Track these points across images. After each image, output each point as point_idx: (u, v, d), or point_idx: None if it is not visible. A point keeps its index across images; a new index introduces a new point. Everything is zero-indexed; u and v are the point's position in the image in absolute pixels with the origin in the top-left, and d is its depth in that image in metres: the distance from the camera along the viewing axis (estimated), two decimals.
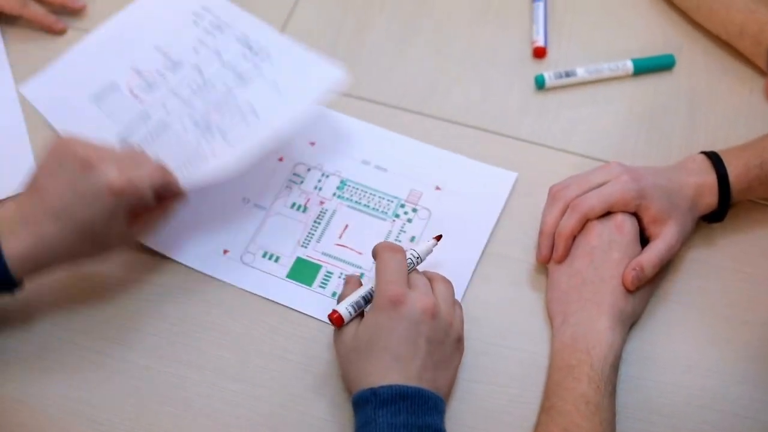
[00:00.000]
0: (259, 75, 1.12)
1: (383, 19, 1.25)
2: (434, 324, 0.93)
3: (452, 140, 1.14)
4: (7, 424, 0.96)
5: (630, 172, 1.02)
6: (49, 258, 0.94)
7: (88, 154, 0.93)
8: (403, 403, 0.88)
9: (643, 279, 0.98)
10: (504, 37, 1.24)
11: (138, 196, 0.95)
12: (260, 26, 1.17)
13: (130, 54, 1.17)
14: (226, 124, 1.08)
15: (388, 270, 0.95)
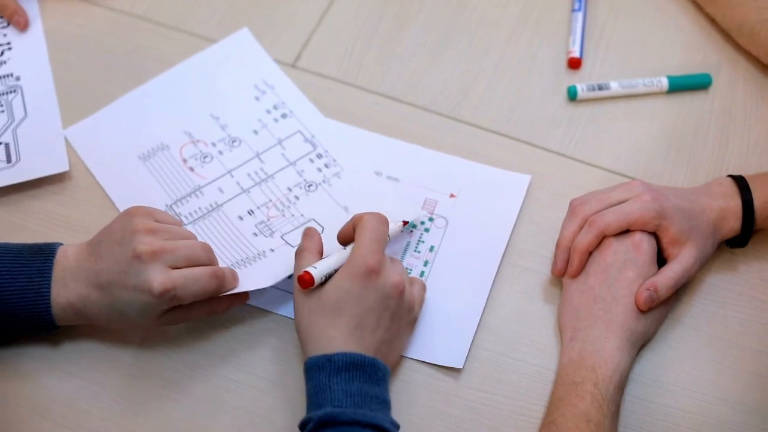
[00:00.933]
0: (327, 193, 1.10)
1: (421, 21, 1.25)
2: (400, 301, 0.94)
3: (479, 146, 1.14)
4: (12, 393, 0.97)
5: (651, 192, 1.00)
6: (86, 316, 0.96)
7: (145, 245, 0.93)
8: (357, 371, 0.89)
9: (656, 300, 0.97)
10: (541, 46, 1.23)
11: (178, 302, 0.94)
12: (325, 125, 1.14)
13: (183, 116, 1.16)
14: (285, 227, 1.08)
15: (371, 238, 0.94)
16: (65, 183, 1.11)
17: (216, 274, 0.96)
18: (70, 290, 0.94)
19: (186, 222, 1.08)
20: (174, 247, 0.94)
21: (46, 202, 1.10)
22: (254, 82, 1.19)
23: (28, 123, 1.13)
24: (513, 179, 1.11)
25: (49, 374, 0.99)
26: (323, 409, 0.87)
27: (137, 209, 0.97)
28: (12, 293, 0.93)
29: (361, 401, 0.88)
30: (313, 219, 1.09)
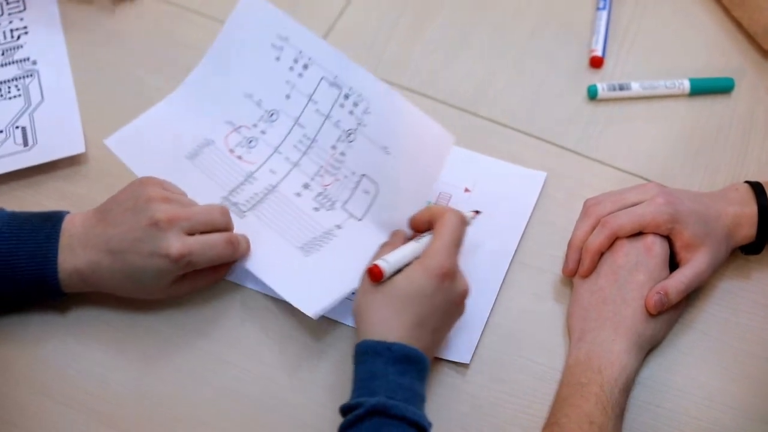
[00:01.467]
0: (365, 136, 1.08)
1: (444, 14, 1.24)
2: (460, 311, 0.96)
3: (496, 142, 1.13)
4: (18, 373, 0.98)
5: (666, 195, 0.99)
6: (94, 283, 0.97)
7: (162, 212, 0.95)
8: (410, 366, 0.89)
9: (666, 304, 0.96)
10: (563, 43, 1.22)
11: (192, 268, 0.97)
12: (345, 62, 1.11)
13: (220, 105, 1.15)
14: (342, 193, 1.08)
15: (451, 239, 0.94)
16: (81, 165, 1.12)
17: (231, 240, 0.99)
18: (78, 257, 0.95)
19: (244, 210, 1.07)
20: (190, 213, 0.97)
21: (63, 182, 1.10)
22: (270, 41, 1.15)
23: (44, 107, 1.14)
24: (528, 176, 1.11)
25: (55, 340, 1.00)
26: (377, 397, 0.87)
27: (148, 179, 1.00)
28: (20, 258, 0.94)
29: (411, 397, 0.88)
30: (365, 175, 1.07)
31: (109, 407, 0.96)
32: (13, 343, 0.99)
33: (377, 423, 0.86)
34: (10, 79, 1.15)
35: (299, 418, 0.96)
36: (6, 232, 0.95)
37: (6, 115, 1.13)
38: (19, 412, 0.96)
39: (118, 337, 1.00)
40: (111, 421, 0.95)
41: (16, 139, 1.11)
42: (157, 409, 0.96)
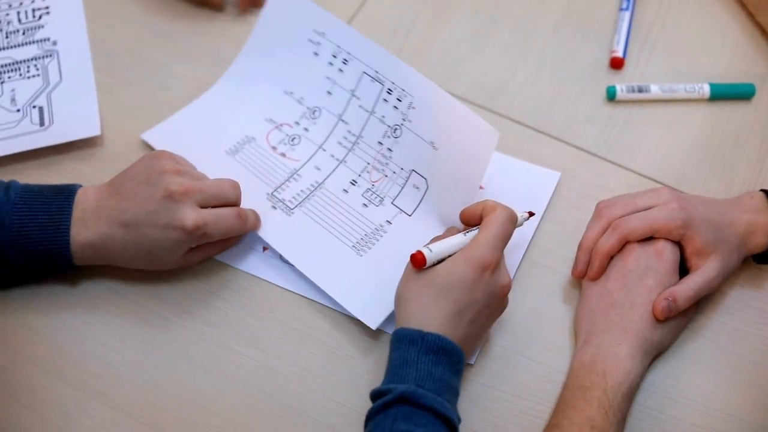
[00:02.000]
0: (411, 132, 1.08)
1: (467, 8, 1.24)
2: (501, 304, 0.95)
3: (512, 140, 1.13)
4: (28, 353, 0.98)
5: (679, 200, 0.99)
6: (106, 256, 0.98)
7: (176, 185, 0.97)
8: (444, 357, 0.89)
9: (674, 310, 0.95)
10: (584, 43, 1.21)
11: (206, 240, 0.99)
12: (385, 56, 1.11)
13: (260, 103, 1.15)
14: (392, 189, 1.08)
15: (498, 234, 0.94)
16: (96, 147, 1.12)
17: (240, 214, 1.01)
18: (90, 229, 0.96)
19: (291, 207, 1.07)
20: (203, 186, 0.99)
21: (77, 163, 1.11)
22: (306, 36, 1.15)
23: (62, 87, 1.13)
24: (543, 175, 1.10)
25: (63, 318, 1.00)
26: (407, 384, 0.87)
27: (160, 152, 1.02)
28: (32, 229, 0.95)
29: (441, 388, 0.88)
30: (414, 170, 1.07)
31: (114, 389, 0.96)
32: (23, 317, 1.00)
33: (405, 411, 0.86)
34: (30, 59, 1.15)
35: (301, 408, 0.96)
36: (19, 203, 0.96)
37: (24, 94, 1.13)
38: (24, 389, 0.96)
39: (124, 320, 1.00)
40: (115, 404, 0.95)
41: (32, 119, 1.11)
42: (160, 393, 0.96)
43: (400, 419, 0.85)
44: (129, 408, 0.95)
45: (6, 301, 1.01)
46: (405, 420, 0.85)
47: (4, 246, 0.95)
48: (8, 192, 0.96)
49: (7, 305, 1.01)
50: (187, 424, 0.95)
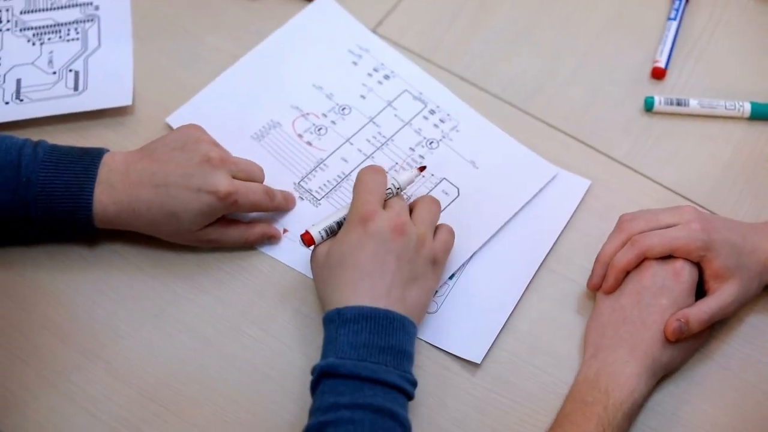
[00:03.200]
0: (450, 148, 1.10)
1: (510, 6, 1.22)
2: (403, 241, 0.93)
3: (543, 143, 1.11)
4: (39, 315, 1.00)
5: (702, 221, 0.97)
6: (128, 218, 0.98)
7: (215, 152, 0.99)
8: (366, 323, 0.89)
9: (686, 332, 0.93)
10: (627, 50, 1.19)
11: (234, 209, 1.00)
12: (433, 84, 1.14)
13: (286, 90, 1.15)
14: (419, 190, 1.08)
15: (364, 189, 0.96)
16: (127, 116, 1.12)
17: (267, 191, 1.03)
18: (116, 190, 0.97)
19: (318, 197, 1.07)
20: (237, 159, 1.02)
21: (107, 131, 1.11)
22: (347, 47, 1.18)
23: (100, 53, 1.14)
24: (572, 182, 1.09)
25: (76, 284, 1.01)
26: (326, 359, 0.88)
27: (197, 125, 1.03)
28: (56, 187, 0.96)
29: (367, 353, 0.88)
30: (445, 178, 1.08)
31: (118, 358, 0.97)
32: (38, 278, 1.01)
33: (330, 384, 0.87)
34: (71, 22, 1.16)
35: (301, 396, 0.95)
36: (46, 161, 0.97)
37: (62, 57, 1.14)
38: (30, 348, 0.97)
39: (135, 291, 1.01)
40: (117, 373, 0.96)
41: (67, 83, 1.12)
42: (163, 366, 0.97)
43: (326, 393, 0.87)
44: (131, 378, 0.96)
45: (24, 260, 1.02)
46: (330, 393, 0.87)
47: (28, 202, 0.96)
48: (36, 150, 0.97)
49: (25, 263, 1.02)
50: (186, 399, 0.95)
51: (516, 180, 1.08)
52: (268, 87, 1.15)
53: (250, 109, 1.13)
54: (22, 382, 0.95)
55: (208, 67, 1.16)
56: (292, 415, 0.95)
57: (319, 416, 0.86)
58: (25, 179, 0.96)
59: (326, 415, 0.85)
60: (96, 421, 0.94)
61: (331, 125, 1.12)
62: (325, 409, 0.86)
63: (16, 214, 0.97)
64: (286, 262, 1.04)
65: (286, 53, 1.17)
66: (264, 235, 1.03)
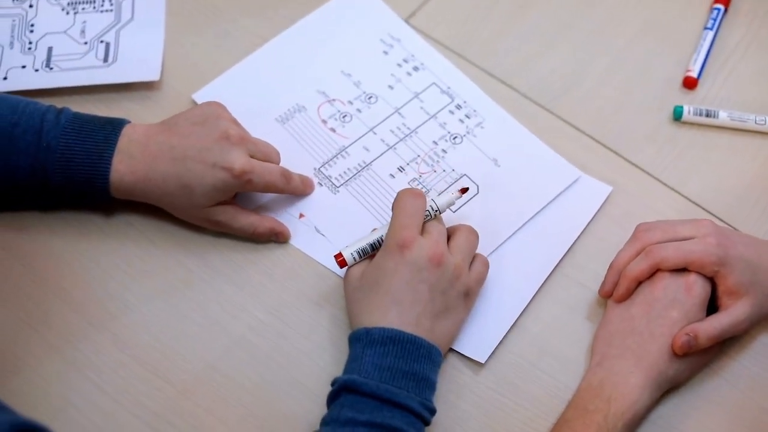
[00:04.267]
0: (474, 144, 1.10)
1: (544, 5, 1.21)
2: (438, 272, 0.93)
3: (567, 145, 1.10)
4: (51, 282, 1.00)
5: (719, 236, 0.96)
6: (144, 188, 0.99)
7: (234, 129, 1.00)
8: (393, 346, 0.89)
9: (694, 347, 0.92)
10: (660, 56, 1.17)
11: (248, 188, 1.00)
12: (459, 77, 1.14)
13: (314, 75, 1.15)
14: (438, 184, 1.08)
15: (402, 214, 0.95)
16: (154, 90, 1.13)
17: (284, 173, 1.03)
18: (134, 160, 0.98)
19: (337, 185, 1.08)
20: (255, 140, 1.03)
21: (133, 104, 1.12)
22: (379, 36, 1.17)
23: (132, 26, 1.15)
24: (593, 186, 1.08)
25: (90, 254, 1.02)
26: (350, 375, 0.89)
27: (218, 103, 1.04)
28: (76, 154, 0.97)
29: (390, 377, 0.88)
30: (465, 175, 1.08)
31: (127, 333, 0.98)
32: (53, 245, 1.02)
33: (351, 399, 0.88)
34: None
35: (303, 381, 0.96)
36: (68, 128, 0.98)
37: (94, 27, 1.14)
38: (40, 316, 0.98)
39: (148, 266, 1.02)
40: (125, 346, 0.97)
41: (97, 54, 1.12)
42: (170, 342, 0.98)
43: (346, 407, 0.87)
44: (137, 352, 0.97)
45: (40, 226, 1.03)
46: (350, 408, 0.87)
47: (47, 168, 0.97)
48: (59, 117, 0.98)
49: (40, 230, 1.03)
50: (191, 376, 0.96)
51: (537, 181, 1.08)
52: (296, 70, 1.15)
53: (277, 91, 1.13)
54: (30, 348, 0.96)
55: (238, 47, 1.16)
56: (294, 400, 0.95)
57: (335, 428, 0.86)
58: (45, 144, 0.97)
59: (343, 428, 0.86)
60: (99, 391, 0.94)
61: (356, 113, 1.12)
62: (342, 423, 0.86)
63: (34, 179, 0.97)
64: (300, 248, 1.04)
65: (317, 38, 1.17)
66: (273, 230, 1.03)
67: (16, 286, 1.00)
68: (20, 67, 1.11)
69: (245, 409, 0.95)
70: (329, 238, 1.04)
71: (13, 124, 0.97)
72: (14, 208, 1.03)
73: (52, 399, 0.94)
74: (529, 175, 1.08)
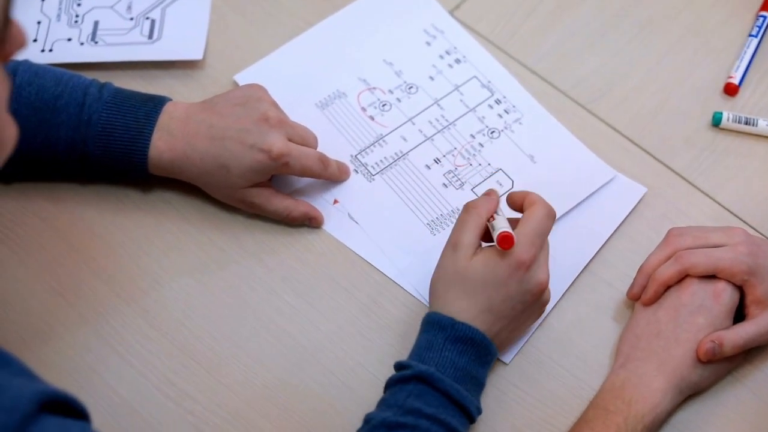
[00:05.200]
0: (511, 140, 1.10)
1: (590, 4, 1.21)
2: (537, 300, 0.93)
3: (603, 145, 1.10)
4: (85, 254, 1.02)
5: (750, 245, 0.95)
6: (181, 166, 1.00)
7: (273, 112, 1.01)
8: (472, 348, 0.90)
9: (718, 354, 0.92)
10: (703, 61, 1.17)
11: (285, 171, 1.01)
12: (500, 71, 1.14)
13: (356, 62, 1.15)
14: (474, 177, 1.08)
15: (534, 229, 0.92)
16: (196, 70, 1.14)
17: (322, 158, 1.04)
18: (174, 138, 0.99)
19: (373, 173, 1.08)
20: (294, 124, 1.04)
21: (175, 82, 1.13)
22: (423, 26, 1.18)
23: (178, 4, 1.16)
24: (628, 187, 1.08)
25: (125, 229, 1.03)
26: (428, 365, 0.89)
27: (260, 86, 1.04)
28: (116, 128, 0.99)
29: (462, 377, 0.89)
30: (501, 169, 1.08)
31: (157, 308, 0.99)
32: (89, 217, 1.04)
33: (421, 389, 0.88)
34: None
35: (328, 366, 0.97)
36: (109, 102, 0.99)
37: (141, 4, 1.15)
38: (71, 285, 1.00)
39: (182, 243, 1.03)
40: (154, 321, 0.98)
41: (143, 30, 1.14)
42: (198, 320, 0.99)
43: (414, 396, 0.87)
44: (165, 328, 0.98)
45: (78, 198, 1.05)
46: (418, 398, 0.87)
47: (87, 141, 0.99)
48: (102, 91, 1.00)
49: (78, 202, 1.04)
50: (216, 355, 0.97)
51: (572, 179, 1.08)
52: (339, 57, 1.15)
53: (318, 76, 1.14)
54: (60, 318, 0.98)
55: (282, 31, 1.17)
56: (318, 384, 0.96)
57: (398, 414, 0.87)
58: (86, 118, 0.98)
59: (406, 417, 0.86)
60: (126, 364, 0.96)
61: (396, 102, 1.12)
62: (406, 410, 0.87)
63: (74, 152, 0.99)
64: (333, 234, 1.05)
65: (361, 25, 1.18)
66: (306, 215, 1.04)
67: (50, 256, 1.01)
68: (66, 39, 1.12)
69: (269, 390, 0.96)
70: (362, 225, 1.05)
71: (56, 96, 0.98)
72: (53, 179, 1.04)
73: (80, 369, 0.96)
74: (565, 173, 1.08)
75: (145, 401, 0.95)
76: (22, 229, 1.03)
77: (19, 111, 0.97)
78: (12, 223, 1.03)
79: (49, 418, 0.67)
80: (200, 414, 0.94)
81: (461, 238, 0.93)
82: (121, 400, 0.95)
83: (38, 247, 1.02)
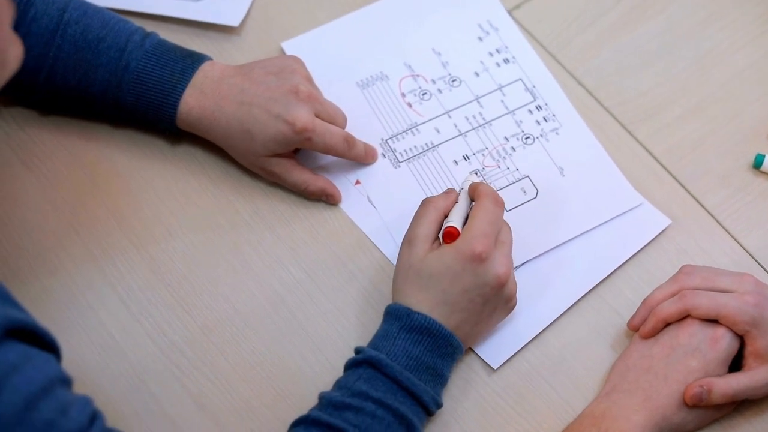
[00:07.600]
0: (544, 149, 1.09)
1: (654, 24, 1.18)
2: (498, 293, 0.93)
3: (636, 170, 1.08)
4: (106, 193, 1.04)
5: (759, 296, 0.93)
6: (207, 125, 1.02)
7: (304, 86, 1.01)
8: (428, 338, 0.90)
9: (705, 401, 0.91)
10: (754, 100, 1.14)
11: (308, 146, 1.01)
12: (547, 77, 1.13)
13: (404, 46, 1.15)
14: (499, 180, 1.07)
15: (485, 220, 0.93)
16: (237, 35, 1.15)
17: (348, 138, 1.04)
18: (204, 96, 1.01)
19: (400, 160, 1.08)
20: (325, 101, 1.04)
21: (214, 44, 1.14)
22: (478, 21, 1.17)
23: None
24: (652, 216, 1.06)
25: (153, 171, 1.06)
26: (378, 352, 0.90)
27: (297, 58, 1.06)
28: (152, 78, 1.01)
29: (416, 366, 0.90)
30: (528, 176, 1.08)
31: (164, 258, 1.01)
32: (115, 159, 1.06)
33: (370, 374, 0.89)
34: None
35: (318, 343, 0.98)
36: (150, 52, 1.01)
37: None
38: (85, 224, 1.02)
39: (200, 200, 1.05)
40: (159, 270, 1.01)
41: None
42: (201, 276, 1.01)
43: (363, 379, 0.89)
44: (168, 279, 1.00)
45: (108, 140, 1.07)
46: (367, 381, 0.88)
47: (122, 86, 1.01)
48: (144, 40, 1.02)
49: (108, 143, 1.07)
50: (212, 312, 0.99)
51: (598, 199, 1.06)
52: (388, 38, 1.15)
53: (364, 55, 1.14)
54: (71, 252, 1.01)
55: (334, 6, 1.17)
56: (305, 360, 0.97)
57: (345, 396, 0.88)
58: (124, 63, 1.00)
59: (353, 399, 0.87)
60: (124, 307, 0.98)
61: (437, 93, 1.12)
62: (354, 393, 0.88)
63: (108, 93, 1.01)
64: (349, 214, 1.05)
65: (416, 10, 1.17)
66: (324, 191, 1.04)
67: (72, 191, 1.04)
68: None
69: (256, 357, 0.97)
70: (379, 210, 1.05)
71: (101, 38, 1.00)
72: (88, 116, 1.06)
73: (78, 304, 0.98)
74: (591, 192, 1.07)
75: (136, 346, 0.97)
76: (51, 161, 1.05)
77: (63, 47, 1.00)
78: (43, 153, 1.06)
79: (13, 344, 0.69)
80: (185, 368, 0.96)
81: (416, 232, 0.94)
82: (113, 341, 0.97)
83: (63, 180, 1.04)
